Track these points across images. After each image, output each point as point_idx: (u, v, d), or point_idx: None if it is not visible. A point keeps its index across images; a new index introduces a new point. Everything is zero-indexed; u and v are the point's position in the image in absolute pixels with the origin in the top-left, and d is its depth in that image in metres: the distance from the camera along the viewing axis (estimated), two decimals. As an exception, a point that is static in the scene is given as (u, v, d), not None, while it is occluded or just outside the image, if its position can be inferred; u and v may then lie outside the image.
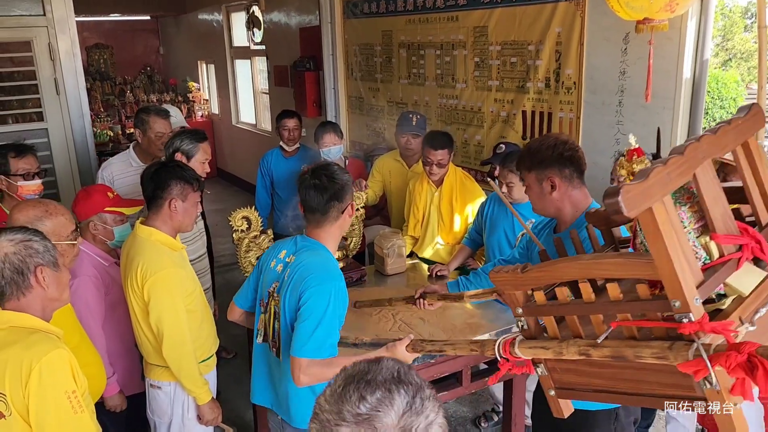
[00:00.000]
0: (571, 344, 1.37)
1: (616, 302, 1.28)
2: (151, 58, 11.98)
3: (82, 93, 4.86)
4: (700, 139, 1.26)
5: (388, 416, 0.82)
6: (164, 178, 2.40)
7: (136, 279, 2.32)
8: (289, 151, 4.42)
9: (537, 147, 2.15)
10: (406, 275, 3.37)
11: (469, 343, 1.74)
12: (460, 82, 4.48)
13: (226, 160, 9.77)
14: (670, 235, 1.15)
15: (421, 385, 0.88)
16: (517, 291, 1.47)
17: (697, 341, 1.14)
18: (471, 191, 3.54)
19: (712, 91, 9.15)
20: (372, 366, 0.90)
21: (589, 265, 1.31)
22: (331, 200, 2.04)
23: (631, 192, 1.10)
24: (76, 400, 1.64)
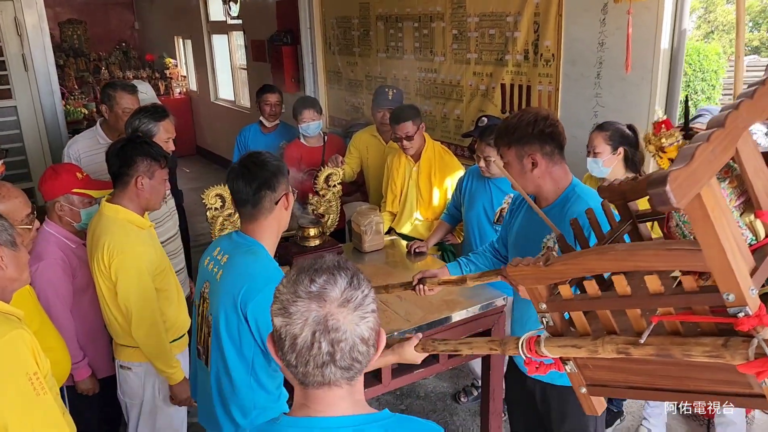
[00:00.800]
0: (607, 342, 1.24)
1: (658, 295, 1.14)
2: (126, 33, 11.71)
3: (52, 69, 4.72)
4: (738, 107, 1.11)
5: (333, 291, 1.04)
6: (130, 155, 2.33)
7: (102, 259, 2.26)
8: (268, 126, 4.35)
9: (516, 123, 2.06)
10: (384, 252, 3.34)
11: (487, 342, 1.57)
12: (438, 55, 4.41)
13: (206, 138, 9.63)
14: (720, 222, 1.02)
15: (356, 270, 1.10)
16: (539, 285, 1.33)
17: (757, 337, 1.03)
18: (450, 165, 3.49)
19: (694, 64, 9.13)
20: (317, 260, 1.11)
21: (624, 256, 1.16)
22: (261, 189, 1.86)
23: (679, 178, 0.96)
24: (38, 382, 1.60)
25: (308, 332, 1.02)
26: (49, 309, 2.31)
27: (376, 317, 1.08)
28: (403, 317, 2.56)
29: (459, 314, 2.61)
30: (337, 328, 1.02)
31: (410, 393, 3.64)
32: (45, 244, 2.42)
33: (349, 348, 1.04)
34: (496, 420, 2.92)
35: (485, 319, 2.70)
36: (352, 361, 1.05)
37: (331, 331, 1.02)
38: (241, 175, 1.88)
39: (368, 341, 1.06)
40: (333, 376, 1.05)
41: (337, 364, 1.04)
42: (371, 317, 1.06)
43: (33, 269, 2.35)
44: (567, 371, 1.42)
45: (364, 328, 1.05)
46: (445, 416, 3.44)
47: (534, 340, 1.40)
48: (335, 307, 1.03)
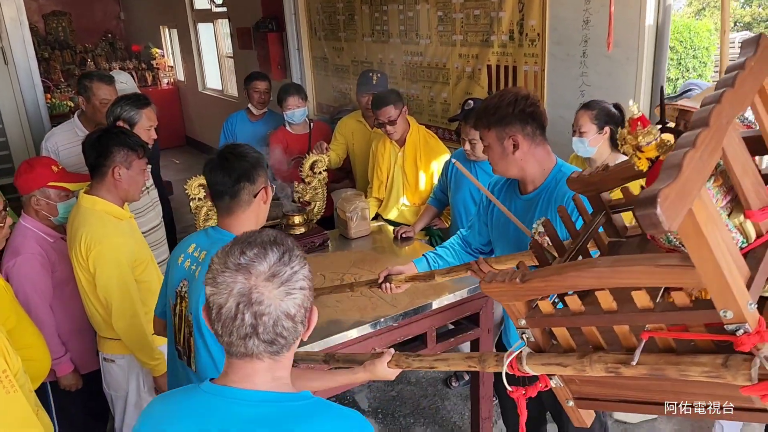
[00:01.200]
0: (595, 360, 1.15)
1: (647, 311, 1.05)
2: (111, 24, 11.58)
3: (32, 63, 4.63)
4: (720, 99, 1.01)
5: (261, 265, 1.06)
6: (106, 145, 2.30)
7: (80, 251, 2.24)
8: (256, 114, 4.31)
9: (496, 104, 1.99)
10: (371, 238, 3.31)
11: (465, 358, 1.46)
12: (424, 38, 4.35)
13: (195, 128, 9.56)
14: (714, 236, 0.92)
15: (292, 247, 1.11)
16: (517, 302, 1.24)
17: (759, 356, 0.95)
18: (435, 149, 3.46)
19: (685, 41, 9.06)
20: (255, 233, 1.14)
21: (607, 274, 1.05)
22: (240, 180, 1.80)
23: (669, 197, 0.85)
24: (8, 380, 1.57)
25: (233, 303, 1.05)
26: (27, 304, 2.28)
27: (305, 295, 1.09)
28: (390, 303, 2.53)
29: (446, 298, 2.59)
30: (261, 301, 1.04)
31: (401, 379, 3.62)
32: (22, 239, 2.38)
33: (272, 322, 1.06)
34: (486, 404, 2.91)
35: (473, 303, 2.67)
36: (276, 336, 1.07)
37: (254, 303, 1.04)
38: (219, 167, 1.82)
39: (294, 317, 1.08)
40: (256, 348, 1.08)
41: (260, 337, 1.06)
42: (299, 294, 1.08)
43: (10, 264, 2.32)
44: (552, 386, 1.33)
45: (289, 304, 1.06)
46: (436, 401, 3.43)
47: (516, 357, 1.30)
48: (261, 280, 1.05)
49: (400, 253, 3.12)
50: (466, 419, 3.23)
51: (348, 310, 2.49)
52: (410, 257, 3.00)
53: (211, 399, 1.12)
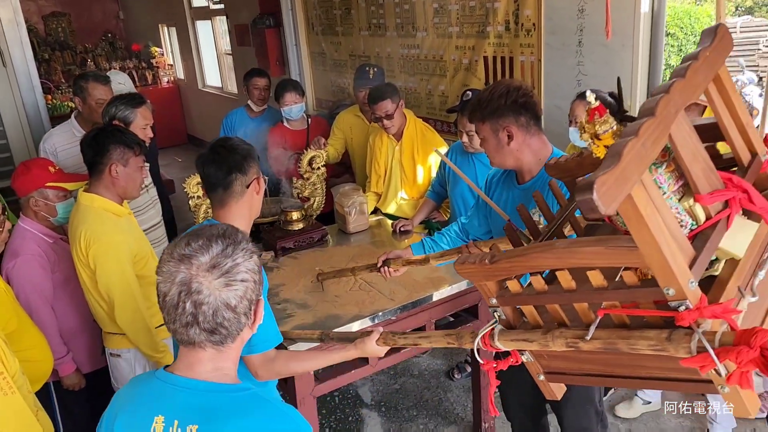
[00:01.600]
0: (557, 336, 1.24)
1: (601, 290, 1.14)
2: (111, 23, 11.58)
3: (31, 64, 4.65)
4: (669, 90, 1.06)
5: (204, 256, 1.09)
6: (103, 143, 2.33)
7: (80, 248, 2.27)
8: (255, 111, 4.31)
9: (488, 96, 2.00)
10: (370, 232, 3.32)
11: (444, 335, 1.57)
12: (420, 30, 4.34)
13: (195, 126, 9.57)
14: (653, 219, 1.00)
15: (239, 240, 1.14)
16: (488, 282, 1.33)
17: (697, 331, 1.02)
18: (432, 142, 3.46)
19: (686, 27, 9.00)
20: (208, 226, 1.18)
21: (565, 254, 1.14)
22: (232, 172, 1.82)
23: (606, 183, 0.92)
24: (5, 382, 1.59)
25: (175, 291, 1.08)
26: (28, 305, 2.30)
27: (248, 287, 1.12)
28: (388, 296, 2.54)
29: (444, 291, 2.59)
30: (200, 291, 1.07)
31: (404, 372, 3.64)
32: (21, 241, 2.40)
33: (212, 312, 1.09)
34: (488, 396, 2.91)
35: (472, 295, 2.68)
36: (216, 325, 1.10)
37: (194, 293, 1.07)
38: (211, 160, 1.85)
39: (235, 309, 1.10)
40: (197, 337, 1.11)
41: (200, 325, 1.09)
42: (240, 286, 1.10)
43: (10, 266, 2.34)
44: (524, 360, 1.42)
45: (230, 294, 1.09)
46: (439, 393, 3.44)
47: (488, 333, 1.39)
48: (202, 271, 1.08)
49: (399, 247, 3.10)
50: (469, 411, 3.23)
51: (346, 304, 2.50)
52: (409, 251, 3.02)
53: (160, 386, 1.17)
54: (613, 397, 3.22)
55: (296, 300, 2.57)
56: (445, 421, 3.23)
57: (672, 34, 8.48)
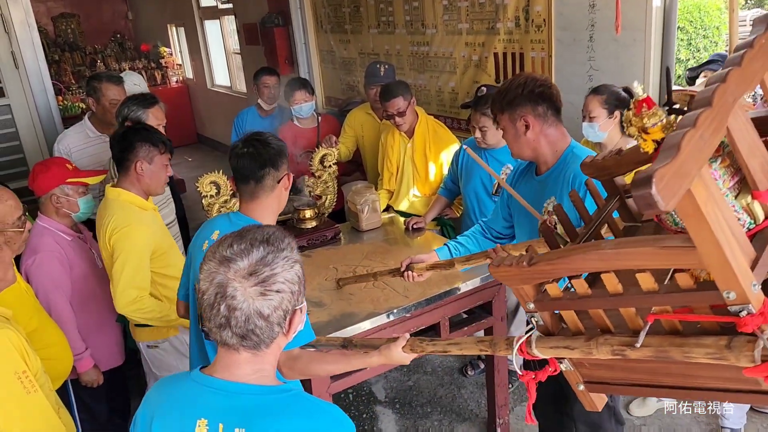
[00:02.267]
0: (601, 343, 1.15)
1: (651, 294, 1.05)
2: (120, 24, 11.63)
3: (42, 66, 4.68)
4: (726, 78, 0.99)
5: (243, 261, 1.09)
6: (130, 141, 2.40)
7: (106, 237, 2.32)
8: (266, 110, 4.32)
9: (507, 87, 2.05)
10: (383, 230, 3.32)
11: (477, 342, 1.50)
12: (430, 28, 4.34)
13: (205, 125, 9.60)
14: (714, 217, 0.91)
15: (282, 248, 1.13)
16: (525, 285, 1.25)
17: (762, 338, 0.95)
18: (444, 139, 3.46)
19: (695, 21, 8.94)
20: (256, 228, 1.17)
21: (610, 256, 1.06)
22: (266, 166, 1.87)
23: (665, 177, 0.85)
24: (28, 380, 1.60)
25: (212, 292, 1.09)
26: (47, 302, 2.33)
27: (284, 298, 1.11)
28: (402, 294, 2.55)
29: (459, 288, 2.59)
30: (234, 296, 1.08)
31: (417, 368, 3.65)
32: (39, 238, 2.44)
33: (244, 318, 1.09)
34: (502, 391, 2.92)
35: (486, 292, 2.68)
36: (248, 332, 1.10)
37: (228, 297, 1.08)
38: (245, 153, 1.90)
39: (268, 318, 1.10)
40: (230, 339, 1.11)
41: (233, 329, 1.10)
42: (275, 296, 1.10)
43: (29, 263, 2.38)
44: (562, 369, 1.35)
45: (264, 304, 1.09)
46: (453, 390, 3.45)
47: (525, 340, 1.32)
48: (239, 276, 1.08)
49: (411, 244, 3.14)
50: (483, 407, 3.24)
51: (361, 302, 2.51)
52: (422, 248, 3.04)
53: (197, 388, 1.16)
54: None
55: (311, 298, 2.58)
56: (459, 417, 3.24)
57: (682, 28, 8.43)
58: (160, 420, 1.17)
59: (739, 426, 2.80)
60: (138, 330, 2.50)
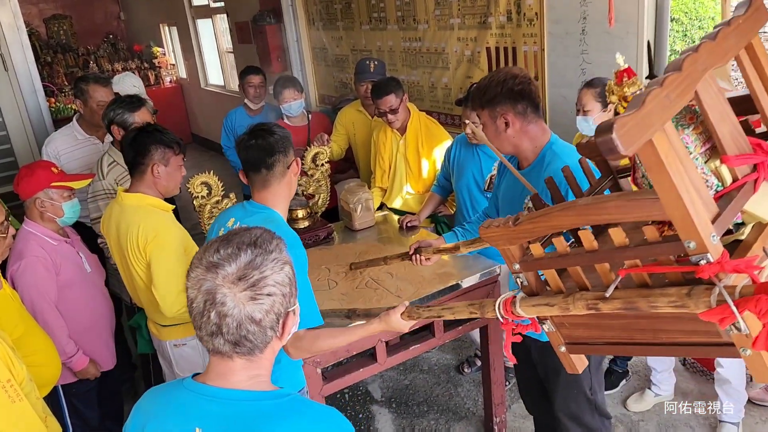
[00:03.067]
0: (577, 298, 1.24)
1: (622, 248, 1.13)
2: (112, 24, 11.56)
3: (32, 68, 4.64)
4: (698, 49, 1.07)
5: (230, 266, 1.06)
6: (144, 144, 2.34)
7: (137, 244, 2.27)
8: (254, 109, 4.29)
9: (486, 84, 2.03)
10: (376, 228, 3.29)
11: (467, 305, 1.58)
12: (422, 23, 4.31)
13: (200, 125, 9.56)
14: (676, 168, 1.00)
15: (271, 250, 1.10)
16: (511, 245, 1.33)
17: (718, 284, 1.01)
18: (436, 136, 3.43)
19: (690, 12, 8.91)
20: (243, 230, 1.13)
21: (586, 210, 1.16)
22: (275, 153, 1.92)
23: (626, 125, 0.93)
24: (13, 389, 1.58)
25: (201, 300, 1.06)
26: (33, 307, 2.30)
27: (275, 301, 1.08)
28: (395, 293, 2.52)
29: (452, 287, 2.57)
30: (224, 302, 1.05)
31: (413, 367, 3.62)
32: (25, 243, 2.41)
33: (236, 324, 1.06)
34: (498, 389, 2.90)
35: (480, 290, 2.66)
36: (241, 338, 1.07)
37: (218, 304, 1.05)
38: (253, 142, 1.93)
39: (260, 322, 1.07)
40: (222, 347, 1.09)
41: (224, 336, 1.07)
42: (266, 300, 1.07)
43: (14, 268, 2.35)
44: (545, 330, 1.43)
45: (255, 309, 1.06)
46: (450, 388, 3.43)
47: (510, 301, 1.40)
48: (227, 282, 1.05)
49: (406, 243, 3.10)
50: (480, 405, 3.22)
51: (353, 301, 2.48)
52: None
53: (191, 396, 1.13)
54: (624, 389, 3.19)
55: (303, 298, 2.56)
56: (456, 416, 3.22)
57: (677, 19, 8.39)
58: (153, 429, 1.15)
59: (738, 419, 2.78)
60: (165, 330, 2.46)
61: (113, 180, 2.90)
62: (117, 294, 3.12)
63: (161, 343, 2.52)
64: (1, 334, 1.67)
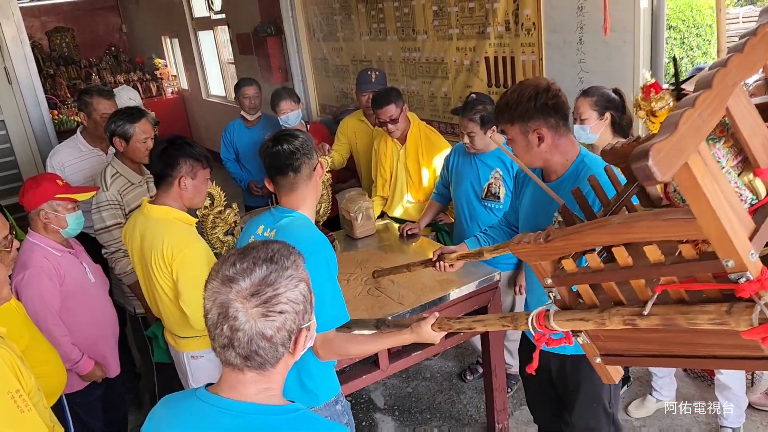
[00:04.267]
0: (613, 314, 1.22)
1: (658, 265, 1.11)
2: (114, 37, 11.67)
3: (35, 80, 4.68)
4: (726, 63, 1.06)
5: (245, 281, 1.07)
6: (173, 156, 2.35)
7: (163, 257, 2.29)
8: (251, 120, 4.32)
9: (517, 99, 1.95)
10: (377, 237, 3.32)
11: (499, 318, 1.58)
12: (421, 34, 4.35)
13: (202, 136, 9.60)
14: (711, 189, 0.98)
15: (286, 266, 1.10)
16: (543, 261, 1.33)
17: (759, 302, 1.00)
18: (436, 144, 3.46)
19: (687, 19, 8.96)
20: (261, 244, 1.13)
21: (620, 229, 1.14)
22: (301, 155, 1.92)
23: (662, 150, 0.92)
24: (21, 399, 1.59)
25: (215, 312, 1.08)
26: (37, 317, 2.32)
27: (288, 318, 1.08)
28: (396, 301, 2.54)
29: (453, 293, 2.59)
30: (236, 317, 1.06)
31: (416, 375, 3.64)
32: (29, 254, 2.43)
33: (247, 339, 1.07)
34: (500, 396, 2.91)
35: (481, 296, 2.68)
36: (251, 353, 1.08)
37: (230, 318, 1.06)
38: (276, 147, 1.93)
39: (272, 339, 1.08)
40: (233, 359, 1.10)
41: (236, 350, 1.08)
42: (278, 318, 1.07)
43: (19, 279, 2.38)
44: (579, 342, 1.42)
45: (266, 325, 1.07)
46: (452, 395, 3.44)
47: (543, 314, 1.39)
48: (241, 297, 1.06)
49: (407, 251, 3.13)
50: (482, 412, 3.23)
51: (356, 309, 2.50)
52: (417, 254, 3.03)
53: (203, 406, 1.14)
54: (625, 395, 3.20)
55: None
56: (459, 423, 3.23)
57: (674, 27, 8.44)
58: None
59: (738, 425, 2.79)
60: (183, 341, 2.47)
61: (116, 191, 2.93)
62: (121, 304, 3.15)
63: (178, 354, 2.54)
64: (9, 345, 1.68)
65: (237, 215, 3.07)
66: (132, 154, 2.96)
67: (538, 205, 2.12)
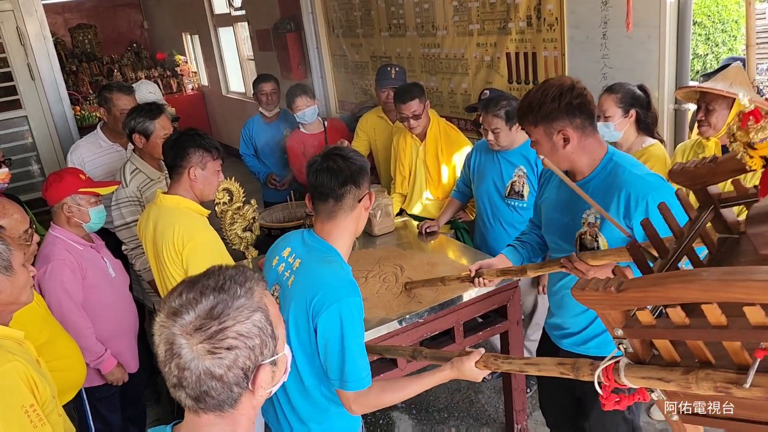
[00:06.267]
0: (701, 378, 1.03)
1: (762, 328, 0.91)
2: (135, 33, 11.77)
3: (58, 76, 4.75)
4: None
5: (188, 315, 0.95)
6: (183, 147, 2.38)
7: (174, 246, 2.31)
8: (269, 116, 4.32)
9: (540, 99, 1.89)
10: (396, 234, 3.30)
11: (557, 364, 1.38)
12: (440, 29, 4.31)
13: (221, 132, 9.65)
14: None
15: (238, 295, 0.98)
16: (612, 311, 1.15)
17: None
18: (456, 141, 3.43)
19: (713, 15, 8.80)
20: (216, 270, 1.02)
21: (715, 287, 0.92)
22: (347, 183, 1.72)
23: None
24: (35, 414, 1.57)
25: (162, 349, 0.96)
26: (60, 310, 2.34)
27: (239, 355, 0.95)
28: (416, 300, 2.52)
29: (472, 292, 2.56)
30: (180, 354, 0.94)
31: (434, 374, 3.61)
32: (51, 247, 2.45)
33: (195, 378, 0.95)
34: (519, 396, 2.88)
35: (500, 295, 2.64)
36: (201, 393, 0.96)
37: (176, 356, 0.95)
38: (326, 168, 1.73)
39: (222, 379, 0.95)
40: (185, 401, 0.98)
41: (186, 390, 0.96)
42: (227, 355, 0.95)
43: (42, 272, 2.40)
44: (654, 399, 1.23)
45: (213, 363, 0.94)
46: (470, 394, 3.41)
47: (612, 368, 1.20)
48: (185, 331, 0.94)
49: (425, 249, 3.10)
50: (501, 412, 3.20)
51: (373, 307, 2.48)
52: (435, 252, 3.01)
53: None
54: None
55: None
56: (477, 422, 3.20)
57: (699, 22, 8.30)
58: None
59: None
60: None
61: (136, 188, 2.95)
62: (140, 300, 3.16)
63: None
64: (24, 355, 1.66)
65: (255, 211, 3.07)
66: (152, 150, 2.98)
67: (563, 206, 2.07)
